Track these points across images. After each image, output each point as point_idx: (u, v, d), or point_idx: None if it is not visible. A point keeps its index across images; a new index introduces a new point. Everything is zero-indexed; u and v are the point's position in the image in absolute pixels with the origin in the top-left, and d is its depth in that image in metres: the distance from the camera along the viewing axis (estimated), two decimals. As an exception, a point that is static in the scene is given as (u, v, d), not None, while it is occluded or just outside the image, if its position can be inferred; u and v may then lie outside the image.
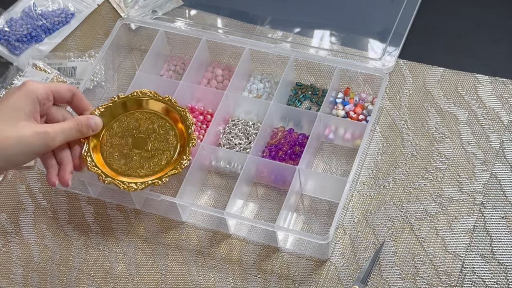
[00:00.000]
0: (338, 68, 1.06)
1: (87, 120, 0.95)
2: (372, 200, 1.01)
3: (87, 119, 0.95)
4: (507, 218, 0.97)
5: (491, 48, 1.11)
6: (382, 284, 0.95)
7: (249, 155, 1.00)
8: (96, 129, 0.97)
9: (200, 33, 1.13)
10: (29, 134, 0.87)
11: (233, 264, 0.98)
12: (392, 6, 1.15)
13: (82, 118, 0.95)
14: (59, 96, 0.94)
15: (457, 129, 1.05)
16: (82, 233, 1.03)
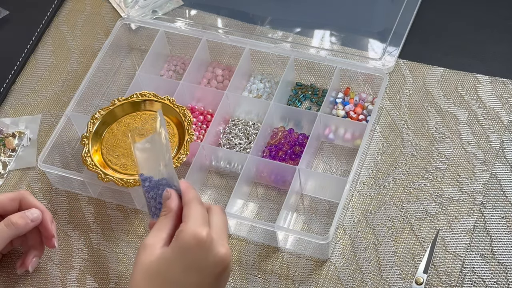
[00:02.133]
0: (338, 68, 1.06)
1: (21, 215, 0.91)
2: (372, 200, 1.01)
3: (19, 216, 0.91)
4: (507, 218, 0.97)
5: (491, 48, 1.11)
6: (382, 284, 0.95)
7: (249, 155, 1.00)
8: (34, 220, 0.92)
9: (200, 33, 1.13)
10: None
11: (233, 264, 0.98)
12: (392, 6, 1.15)
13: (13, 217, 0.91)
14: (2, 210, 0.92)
15: (457, 129, 1.05)
16: (82, 233, 1.03)
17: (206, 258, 0.74)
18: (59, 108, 1.13)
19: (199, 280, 0.74)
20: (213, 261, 0.75)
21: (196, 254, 0.74)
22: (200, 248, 0.74)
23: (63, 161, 1.07)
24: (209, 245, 0.75)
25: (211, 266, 0.75)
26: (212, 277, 0.75)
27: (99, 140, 1.02)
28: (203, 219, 0.77)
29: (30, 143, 1.11)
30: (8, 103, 1.15)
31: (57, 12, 1.23)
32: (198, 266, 0.74)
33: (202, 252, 0.74)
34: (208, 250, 0.75)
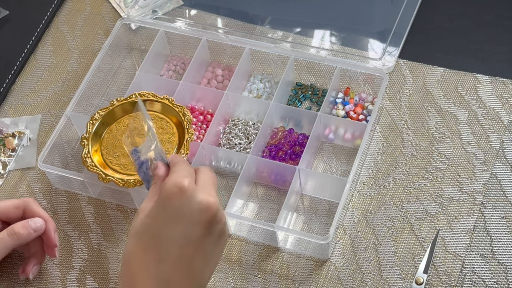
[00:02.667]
0: (338, 68, 1.06)
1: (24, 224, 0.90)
2: (372, 200, 1.01)
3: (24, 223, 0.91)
4: (507, 218, 0.97)
5: (491, 48, 1.11)
6: (382, 284, 0.95)
7: (249, 155, 1.00)
8: (37, 230, 0.91)
9: (200, 33, 1.13)
10: None
11: (233, 264, 0.98)
12: (392, 6, 1.15)
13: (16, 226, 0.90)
14: (6, 216, 0.91)
15: (457, 129, 1.05)
16: (82, 233, 1.03)
17: (189, 205, 0.71)
18: (59, 108, 1.13)
19: (185, 230, 0.71)
20: (198, 208, 0.71)
21: (178, 203, 0.71)
22: (182, 195, 0.71)
23: (63, 161, 1.07)
24: (192, 192, 0.71)
25: (196, 213, 0.71)
26: (200, 227, 0.71)
27: (99, 141, 1.02)
28: (187, 172, 0.74)
29: (30, 143, 1.11)
30: (8, 103, 1.15)
31: (57, 12, 1.23)
32: (182, 214, 0.70)
33: (185, 200, 0.71)
34: (191, 198, 0.71)
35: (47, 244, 0.94)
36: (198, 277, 0.72)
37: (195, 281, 0.72)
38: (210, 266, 0.74)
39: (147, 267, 0.70)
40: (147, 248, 0.71)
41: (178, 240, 0.71)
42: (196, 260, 0.72)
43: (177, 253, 0.71)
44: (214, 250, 0.73)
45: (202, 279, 0.73)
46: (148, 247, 0.71)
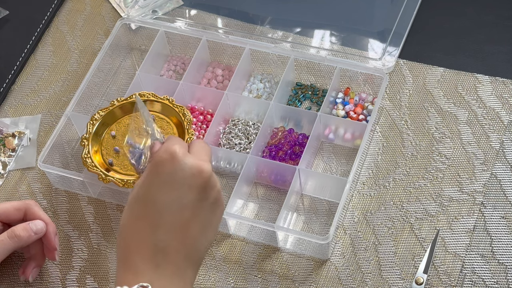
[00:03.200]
0: (338, 68, 1.06)
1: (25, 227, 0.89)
2: (372, 200, 1.01)
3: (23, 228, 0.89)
4: (507, 218, 0.97)
5: (491, 48, 1.11)
6: (382, 284, 0.95)
7: (249, 155, 1.00)
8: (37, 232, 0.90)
9: (200, 33, 1.13)
10: None
11: (233, 264, 0.98)
12: (392, 6, 1.15)
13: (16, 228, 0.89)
14: (6, 218, 0.90)
15: (457, 129, 1.05)
16: (82, 233, 1.03)
17: (182, 170, 0.69)
18: (59, 108, 1.13)
19: (179, 195, 0.69)
20: (190, 173, 0.69)
21: (170, 168, 0.69)
22: (174, 161, 0.69)
23: (63, 161, 1.07)
24: (183, 157, 0.70)
25: (188, 178, 0.69)
26: (194, 191, 0.70)
27: (99, 141, 1.02)
28: (179, 141, 0.73)
29: (30, 143, 1.11)
30: (8, 103, 1.15)
31: (57, 12, 1.23)
32: (174, 180, 0.69)
33: (177, 165, 0.69)
34: (183, 163, 0.69)
35: (47, 247, 0.94)
36: (195, 243, 0.70)
37: (192, 248, 0.70)
38: (207, 234, 0.72)
39: (142, 234, 0.69)
40: (141, 216, 0.69)
41: (172, 205, 0.69)
42: (192, 226, 0.70)
43: (172, 219, 0.69)
44: (210, 218, 0.72)
45: (199, 246, 0.71)
46: (142, 214, 0.69)
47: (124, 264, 0.69)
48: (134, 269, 0.68)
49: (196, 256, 0.71)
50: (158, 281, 0.67)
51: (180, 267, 0.69)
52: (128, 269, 0.69)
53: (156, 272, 0.68)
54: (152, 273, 0.68)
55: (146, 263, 0.68)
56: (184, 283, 0.69)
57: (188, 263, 0.70)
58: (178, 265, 0.69)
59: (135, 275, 0.68)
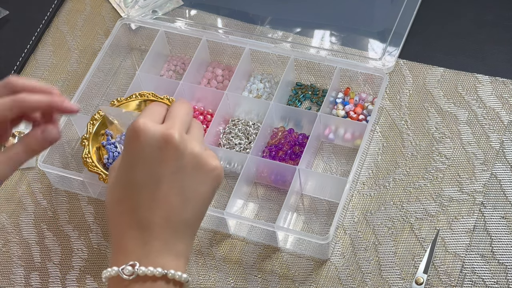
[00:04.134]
0: (338, 68, 1.06)
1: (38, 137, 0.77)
2: (372, 200, 1.01)
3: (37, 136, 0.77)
4: (507, 218, 0.97)
5: (491, 48, 1.11)
6: (382, 284, 0.95)
7: (249, 155, 1.00)
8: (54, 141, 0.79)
9: (200, 33, 1.13)
10: None
11: (233, 264, 0.98)
12: (392, 6, 1.15)
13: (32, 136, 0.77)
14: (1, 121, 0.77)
15: (457, 129, 1.05)
16: (82, 233, 1.03)
17: (149, 145, 0.67)
18: (59, 108, 1.13)
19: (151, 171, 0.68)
20: (157, 146, 0.67)
21: (137, 145, 0.67)
22: (139, 137, 0.67)
23: (63, 161, 1.07)
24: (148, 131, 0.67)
25: (156, 152, 0.67)
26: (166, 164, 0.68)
27: (99, 141, 1.02)
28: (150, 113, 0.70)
29: (30, 143, 1.10)
30: (8, 103, 1.15)
31: (57, 12, 1.23)
32: (143, 156, 0.67)
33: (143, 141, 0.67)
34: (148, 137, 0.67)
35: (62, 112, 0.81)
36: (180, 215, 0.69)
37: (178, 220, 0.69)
38: (192, 203, 0.69)
39: (125, 216, 0.68)
40: (121, 198, 0.69)
41: (147, 183, 0.68)
42: (172, 199, 0.68)
43: (150, 195, 0.68)
44: (193, 185, 0.69)
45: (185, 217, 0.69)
46: (122, 196, 0.69)
47: (115, 247, 0.69)
48: (124, 249, 0.68)
49: (184, 227, 0.69)
50: (146, 258, 0.67)
51: (168, 242, 0.68)
52: (119, 250, 0.69)
53: (144, 249, 0.67)
54: (140, 251, 0.67)
55: (134, 242, 0.68)
56: (175, 257, 0.68)
57: (176, 236, 0.69)
58: (165, 239, 0.68)
59: (124, 255, 0.68)
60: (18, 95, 0.76)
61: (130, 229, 0.68)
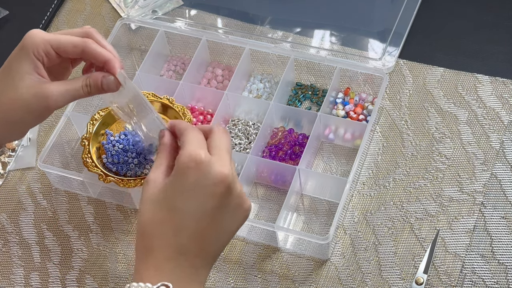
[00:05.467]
0: (338, 68, 1.06)
1: (97, 81, 0.83)
2: (372, 200, 1.01)
3: (98, 79, 0.83)
4: (507, 218, 0.97)
5: (491, 48, 1.11)
6: (382, 284, 0.95)
7: (249, 155, 1.00)
8: (108, 90, 0.83)
9: (200, 33, 1.13)
10: (26, 96, 0.80)
11: (233, 264, 0.98)
12: (392, 6, 1.15)
13: (94, 77, 0.82)
14: (63, 52, 0.82)
15: (457, 129, 1.05)
16: (82, 233, 1.03)
17: (205, 178, 0.72)
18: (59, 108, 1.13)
19: (201, 203, 0.72)
20: (212, 182, 0.72)
21: (194, 176, 0.72)
22: (198, 169, 0.72)
23: (63, 161, 1.07)
24: (207, 165, 0.72)
25: (210, 186, 0.72)
26: (214, 199, 0.72)
27: (99, 141, 1.02)
28: (200, 142, 0.75)
29: (30, 143, 1.11)
30: (8, 103, 1.15)
31: (57, 12, 1.23)
32: (197, 188, 0.72)
33: (200, 174, 0.72)
34: (206, 171, 0.72)
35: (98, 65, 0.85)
36: (212, 247, 0.74)
37: (209, 252, 0.74)
38: (225, 237, 0.75)
39: (165, 238, 0.72)
40: (165, 220, 0.72)
41: (194, 212, 0.72)
42: (210, 232, 0.73)
43: (193, 226, 0.72)
44: (230, 223, 0.75)
45: (215, 249, 0.75)
46: (166, 219, 0.72)
47: (145, 261, 0.72)
48: (156, 266, 0.71)
49: (212, 258, 0.75)
50: (178, 282, 0.71)
51: (198, 269, 0.73)
52: (150, 266, 0.72)
53: (175, 273, 0.72)
54: (172, 273, 0.71)
55: (168, 263, 0.72)
56: (200, 284, 0.73)
57: (203, 265, 0.74)
58: (196, 267, 0.73)
59: (156, 272, 0.71)
60: (87, 39, 0.83)
61: (167, 250, 0.72)
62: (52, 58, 0.82)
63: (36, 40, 0.81)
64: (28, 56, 0.80)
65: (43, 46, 0.81)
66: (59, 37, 0.82)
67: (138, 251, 0.74)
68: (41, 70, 0.81)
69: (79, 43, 0.82)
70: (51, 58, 0.82)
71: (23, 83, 0.80)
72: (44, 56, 0.81)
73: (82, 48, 0.82)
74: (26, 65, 0.81)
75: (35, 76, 0.81)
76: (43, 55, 0.81)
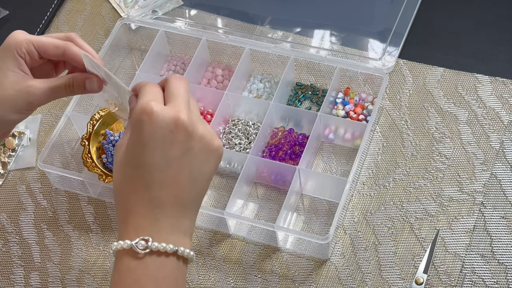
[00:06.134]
0: (338, 68, 1.06)
1: (80, 81, 0.84)
2: (372, 200, 1.01)
3: (82, 80, 0.84)
4: (507, 218, 0.97)
5: (491, 48, 1.11)
6: (382, 284, 0.95)
7: (249, 155, 1.00)
8: (91, 90, 0.85)
9: (200, 33, 1.13)
10: (10, 92, 0.82)
11: (233, 264, 0.98)
12: (392, 6, 1.15)
13: (77, 77, 0.84)
14: (45, 53, 0.84)
15: (457, 129, 1.05)
16: (82, 233, 1.03)
17: (160, 128, 0.71)
18: (59, 108, 1.13)
19: (163, 153, 0.71)
20: (169, 130, 0.71)
21: (149, 128, 0.71)
22: (151, 120, 0.71)
23: (63, 161, 1.07)
24: (159, 114, 0.71)
25: (168, 135, 0.71)
26: (176, 146, 0.72)
27: (99, 141, 1.02)
28: (153, 94, 0.74)
29: (30, 143, 1.11)
30: (8, 103, 1.15)
31: (57, 12, 1.23)
32: (155, 139, 0.71)
33: (155, 124, 0.71)
34: (160, 120, 0.71)
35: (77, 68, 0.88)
36: (188, 194, 0.73)
37: (186, 199, 0.73)
38: (199, 183, 0.74)
39: (137, 196, 0.72)
40: (133, 178, 0.72)
41: (159, 164, 0.72)
42: (181, 179, 0.72)
43: (162, 176, 0.72)
44: (200, 166, 0.74)
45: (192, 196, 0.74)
46: (134, 176, 0.72)
47: (125, 222, 0.73)
48: (135, 225, 0.72)
49: (191, 205, 0.74)
50: (157, 234, 0.71)
51: (178, 219, 0.73)
52: (129, 225, 0.72)
53: (155, 226, 0.72)
54: (151, 227, 0.71)
55: (145, 219, 0.72)
56: (183, 234, 0.73)
57: (184, 214, 0.73)
58: (175, 217, 0.72)
59: (135, 230, 0.71)
60: (69, 42, 0.86)
61: (141, 207, 0.72)
62: (34, 57, 0.84)
63: (18, 39, 0.83)
64: (11, 54, 0.83)
65: (25, 44, 0.83)
66: (42, 37, 0.85)
67: (118, 214, 0.74)
68: (24, 67, 0.84)
69: (61, 44, 0.85)
70: (33, 57, 0.84)
71: (7, 79, 0.82)
72: (26, 54, 0.84)
73: (63, 50, 0.84)
74: (9, 62, 0.83)
75: (19, 73, 0.83)
76: (25, 52, 0.83)
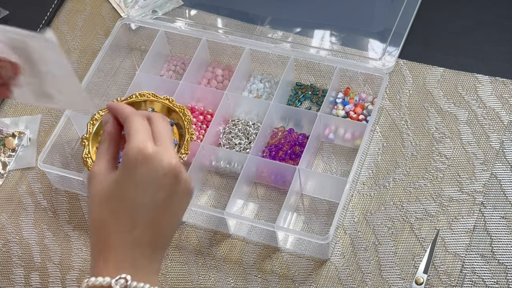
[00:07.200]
0: (338, 68, 1.06)
1: None
2: (372, 200, 1.01)
3: None
4: (507, 218, 0.97)
5: (491, 48, 1.11)
6: (382, 284, 0.95)
7: (249, 155, 1.00)
8: None
9: (200, 33, 1.13)
10: None
11: (233, 264, 0.98)
12: (392, 6, 1.15)
13: None
14: None
15: (457, 129, 1.05)
16: (82, 233, 1.03)
17: (155, 170, 0.73)
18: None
19: (153, 194, 0.73)
20: (162, 173, 0.73)
21: (144, 169, 0.73)
22: (147, 161, 0.73)
23: (63, 161, 1.07)
24: (155, 157, 0.73)
25: (160, 178, 0.73)
26: (165, 189, 0.73)
27: (99, 141, 1.02)
28: (145, 131, 0.75)
29: (30, 143, 1.11)
30: (8, 103, 1.15)
31: (57, 12, 1.23)
32: (148, 180, 0.73)
33: (150, 165, 0.73)
34: (156, 163, 0.73)
35: None
36: (165, 237, 0.75)
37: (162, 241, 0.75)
38: (175, 223, 0.76)
39: (121, 234, 0.72)
40: (118, 212, 0.73)
41: (147, 205, 0.73)
42: (163, 221, 0.74)
43: (147, 217, 0.73)
44: (178, 208, 0.76)
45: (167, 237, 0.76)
46: (119, 211, 0.73)
47: (103, 256, 0.73)
48: (116, 262, 0.72)
49: (164, 247, 0.76)
50: (136, 274, 0.71)
51: (152, 260, 0.74)
52: (110, 262, 0.72)
53: (134, 265, 0.72)
54: (130, 267, 0.72)
55: (126, 257, 0.72)
56: (155, 274, 0.74)
57: (158, 254, 0.75)
58: (150, 258, 0.73)
59: (116, 267, 0.71)
60: None
61: (123, 245, 0.72)
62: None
63: None
64: None
65: None
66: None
67: (94, 246, 0.74)
68: None
69: None
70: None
71: None
72: None
73: None
74: None
75: None
76: None
